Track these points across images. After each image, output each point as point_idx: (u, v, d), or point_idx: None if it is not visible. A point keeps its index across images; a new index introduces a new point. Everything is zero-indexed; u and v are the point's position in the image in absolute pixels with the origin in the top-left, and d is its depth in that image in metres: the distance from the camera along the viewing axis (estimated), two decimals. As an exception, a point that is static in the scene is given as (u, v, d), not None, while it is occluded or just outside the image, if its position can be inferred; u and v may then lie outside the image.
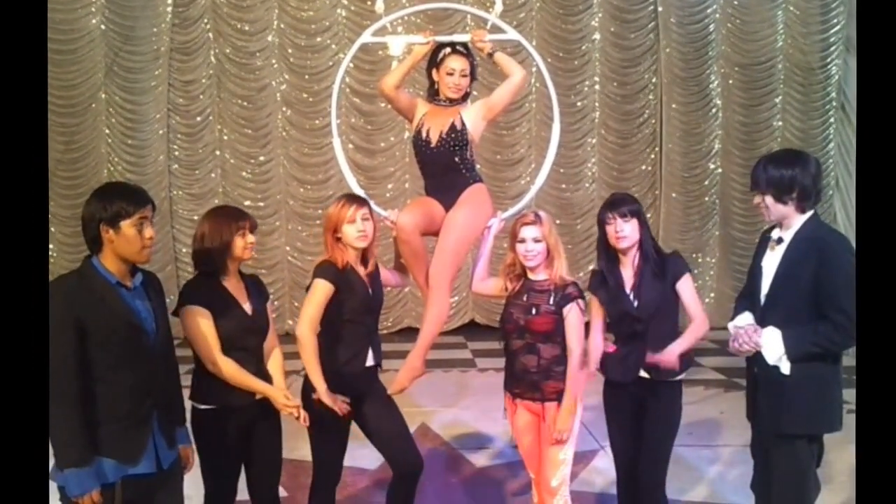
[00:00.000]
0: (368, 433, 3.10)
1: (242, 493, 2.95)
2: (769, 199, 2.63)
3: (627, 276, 3.02)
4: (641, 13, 8.75)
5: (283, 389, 2.83)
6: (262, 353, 2.87)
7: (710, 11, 8.74)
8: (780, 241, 2.66)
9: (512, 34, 3.55)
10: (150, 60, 8.38)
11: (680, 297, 2.98)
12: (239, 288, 2.84)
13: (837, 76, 8.86)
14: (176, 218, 8.65)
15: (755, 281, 2.76)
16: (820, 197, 2.65)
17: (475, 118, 3.30)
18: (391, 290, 3.58)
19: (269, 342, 2.90)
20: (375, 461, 4.13)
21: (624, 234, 2.94)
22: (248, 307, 2.81)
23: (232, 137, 8.64)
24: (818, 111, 8.96)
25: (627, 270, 3.02)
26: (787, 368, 2.58)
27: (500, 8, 3.46)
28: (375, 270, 3.09)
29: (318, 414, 2.92)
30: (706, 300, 9.03)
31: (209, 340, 2.70)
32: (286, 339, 3.02)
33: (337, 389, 2.90)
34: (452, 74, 3.26)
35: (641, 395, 2.99)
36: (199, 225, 2.84)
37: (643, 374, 2.96)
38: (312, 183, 8.74)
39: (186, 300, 2.75)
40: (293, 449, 3.19)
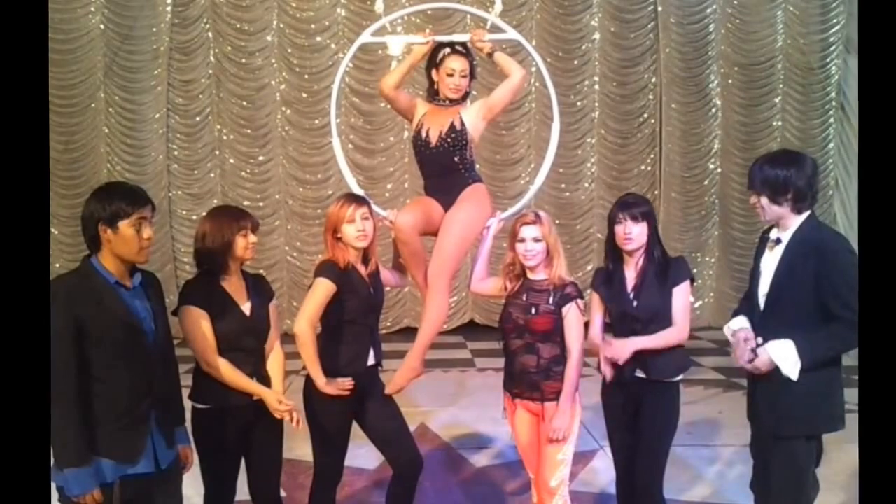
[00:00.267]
0: (368, 432, 3.10)
1: (243, 493, 2.94)
2: (764, 199, 2.62)
3: (630, 276, 3.02)
4: (641, 13, 8.75)
5: (277, 392, 2.80)
6: (260, 353, 2.85)
7: (709, 11, 8.75)
8: (778, 241, 2.66)
9: (511, 34, 3.54)
10: (149, 60, 8.38)
11: (672, 300, 2.97)
12: (239, 288, 2.83)
13: (837, 76, 8.87)
14: (175, 218, 8.65)
15: (754, 282, 2.76)
16: (816, 198, 2.64)
17: (475, 118, 3.30)
18: (390, 289, 3.57)
19: (269, 343, 2.89)
20: (375, 461, 4.13)
21: (632, 235, 2.94)
22: (246, 308, 2.81)
23: (231, 137, 8.64)
24: (818, 111, 8.97)
25: (631, 271, 3.02)
26: (796, 376, 2.54)
27: (499, 7, 3.45)
28: (376, 270, 3.08)
29: (319, 414, 2.92)
30: (705, 300, 9.05)
31: (205, 341, 2.70)
32: (285, 338, 3.00)
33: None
34: (452, 75, 3.26)
35: (639, 394, 2.99)
36: (200, 224, 2.84)
37: (639, 373, 2.97)
38: (312, 183, 8.74)
39: (184, 300, 2.75)
40: (292, 449, 3.19)
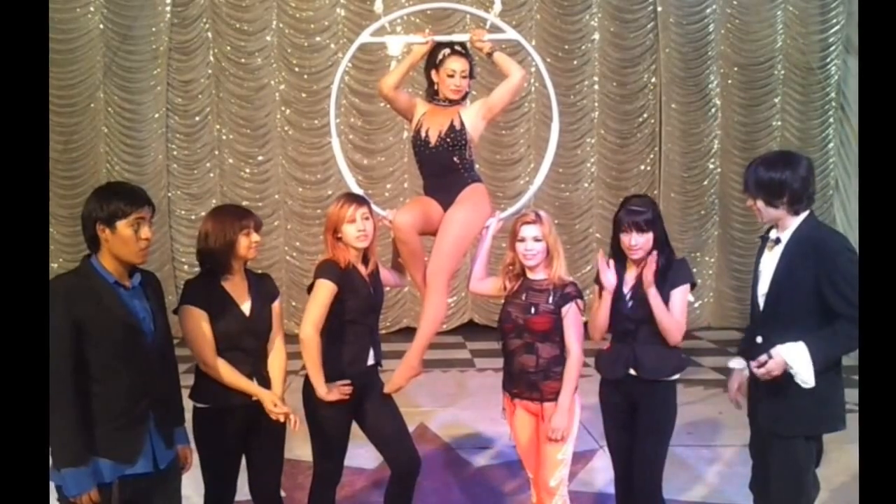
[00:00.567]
0: (367, 432, 3.10)
1: (243, 492, 2.94)
2: (760, 203, 2.62)
3: (631, 275, 3.02)
4: (641, 13, 8.75)
5: (274, 394, 2.79)
6: (261, 354, 2.85)
7: (709, 11, 8.74)
8: (777, 241, 2.65)
9: (511, 34, 3.54)
10: (148, 60, 8.38)
11: (670, 302, 2.96)
12: (241, 288, 2.82)
13: (836, 76, 8.87)
14: (174, 217, 8.65)
15: (754, 282, 2.75)
16: (813, 199, 2.63)
17: (474, 118, 3.30)
18: (390, 289, 3.57)
19: (270, 343, 2.88)
20: (374, 461, 4.13)
21: (638, 246, 2.93)
22: (246, 307, 2.80)
23: (231, 137, 8.64)
24: (817, 111, 8.97)
25: (632, 270, 3.02)
26: (813, 381, 2.49)
27: (499, 7, 3.45)
28: (376, 270, 3.08)
29: (318, 415, 2.92)
30: (705, 300, 9.04)
31: (204, 340, 2.70)
32: (286, 338, 3.00)
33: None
34: (453, 76, 3.26)
35: (635, 393, 2.99)
36: (203, 223, 2.83)
37: (633, 372, 2.97)
38: (311, 182, 8.73)
39: (185, 299, 2.75)
40: (292, 449, 3.18)
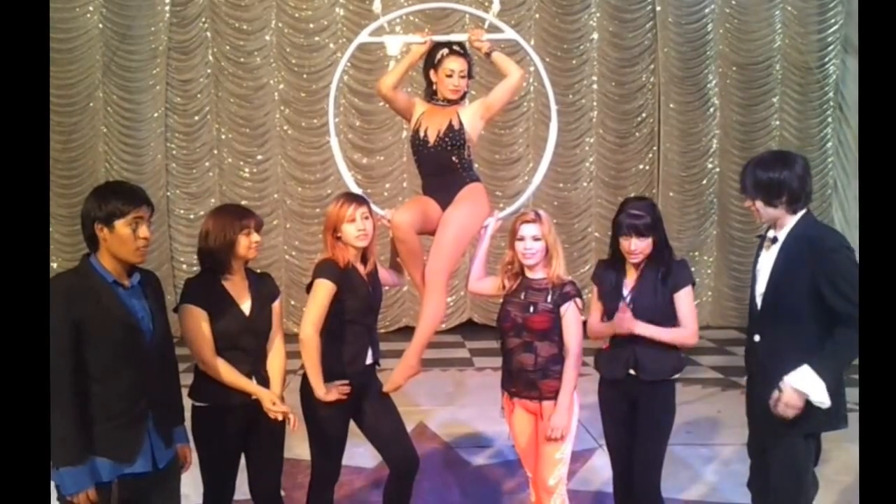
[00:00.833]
0: (365, 431, 3.10)
1: (243, 492, 2.94)
2: (759, 203, 2.63)
3: (630, 277, 3.02)
4: (639, 13, 8.76)
5: (273, 394, 2.79)
6: (260, 353, 2.85)
7: (707, 11, 8.75)
8: (774, 240, 2.66)
9: (510, 34, 3.54)
10: (147, 59, 8.38)
11: (676, 306, 2.97)
12: (241, 287, 2.82)
13: (835, 76, 8.88)
14: (173, 217, 8.66)
15: (752, 281, 2.75)
16: (810, 197, 2.64)
17: (473, 118, 3.30)
18: (388, 289, 3.58)
19: (270, 342, 2.88)
20: (372, 460, 4.13)
21: (637, 250, 2.93)
22: (246, 307, 2.80)
23: (230, 136, 8.64)
24: (816, 111, 8.98)
25: (632, 272, 3.02)
26: (829, 401, 2.45)
27: (497, 7, 3.45)
28: (374, 269, 3.08)
29: (317, 414, 2.92)
30: (703, 299, 9.05)
31: (203, 340, 2.70)
32: (286, 338, 3.00)
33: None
34: (451, 76, 3.26)
35: (634, 393, 3.00)
36: (203, 223, 2.83)
37: (632, 371, 2.97)
38: (310, 182, 8.74)
39: (185, 298, 2.75)
40: (291, 448, 3.18)
